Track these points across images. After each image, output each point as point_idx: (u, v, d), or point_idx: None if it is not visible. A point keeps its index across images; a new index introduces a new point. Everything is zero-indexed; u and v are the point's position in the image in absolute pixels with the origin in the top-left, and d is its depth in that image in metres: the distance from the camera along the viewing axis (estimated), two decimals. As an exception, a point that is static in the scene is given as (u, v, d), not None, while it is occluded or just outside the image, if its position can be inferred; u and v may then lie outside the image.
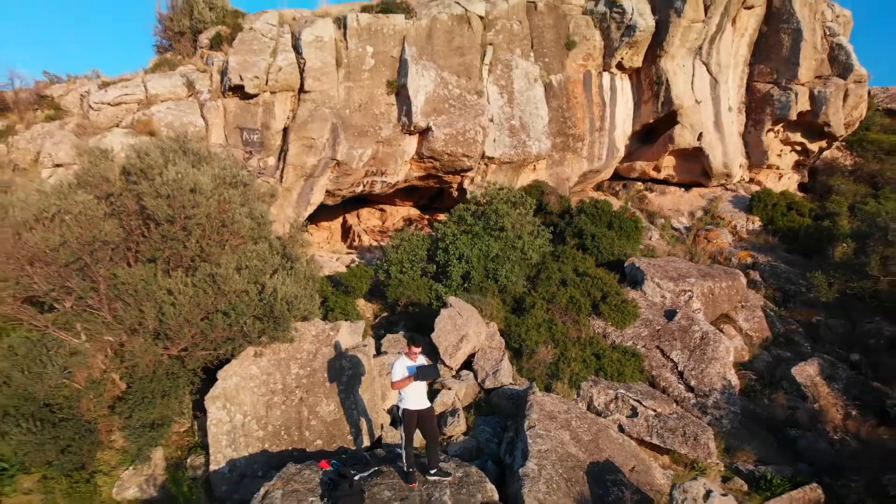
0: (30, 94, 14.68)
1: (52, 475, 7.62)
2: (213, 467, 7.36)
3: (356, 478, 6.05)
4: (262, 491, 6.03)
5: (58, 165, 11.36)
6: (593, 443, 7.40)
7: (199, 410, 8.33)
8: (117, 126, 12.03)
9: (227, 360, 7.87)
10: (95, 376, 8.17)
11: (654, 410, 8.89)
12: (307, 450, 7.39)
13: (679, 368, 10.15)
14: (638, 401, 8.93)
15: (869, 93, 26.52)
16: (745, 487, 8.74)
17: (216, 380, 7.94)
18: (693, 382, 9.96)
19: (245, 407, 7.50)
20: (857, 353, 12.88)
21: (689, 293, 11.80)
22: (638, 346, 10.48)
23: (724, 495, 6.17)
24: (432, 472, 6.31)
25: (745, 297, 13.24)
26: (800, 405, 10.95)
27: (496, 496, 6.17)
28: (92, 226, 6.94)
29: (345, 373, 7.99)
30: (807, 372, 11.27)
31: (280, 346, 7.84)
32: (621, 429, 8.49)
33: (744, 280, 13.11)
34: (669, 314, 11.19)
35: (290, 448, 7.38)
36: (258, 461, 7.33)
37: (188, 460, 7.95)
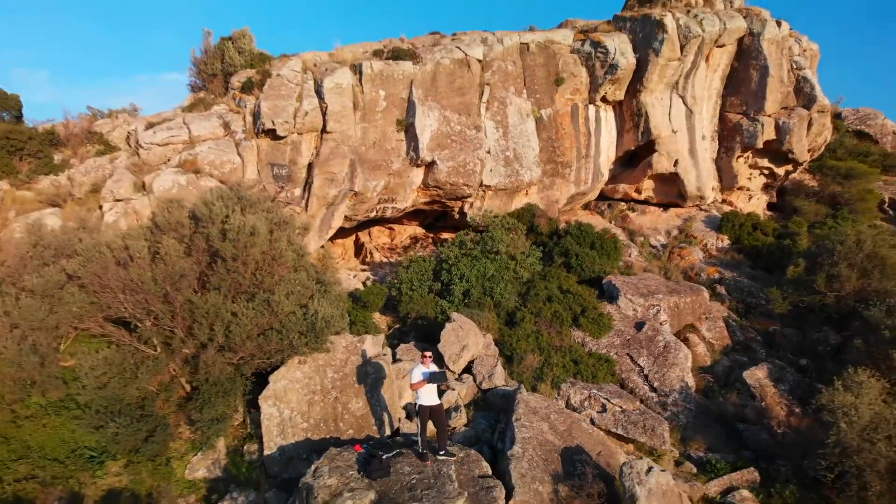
0: (80, 130, 16.61)
1: (138, 460, 9.54)
2: (266, 452, 9.28)
3: (384, 457, 7.98)
4: (313, 467, 7.95)
5: (118, 200, 13.26)
6: (567, 432, 9.32)
7: (251, 408, 10.26)
8: (166, 164, 13.95)
9: (276, 367, 9.80)
10: (166, 381, 10.14)
11: (621, 407, 10.81)
12: (341, 438, 9.32)
13: (645, 372, 12.08)
14: (607, 399, 10.86)
15: (840, 114, 28.56)
16: (695, 470, 10.66)
17: (266, 383, 9.87)
18: (656, 384, 11.90)
19: (291, 404, 9.43)
20: (806, 359, 14.79)
21: (657, 307, 13.73)
22: (611, 353, 12.42)
23: (663, 471, 8.09)
24: (441, 453, 8.24)
25: (709, 309, 15.16)
26: (749, 403, 12.85)
27: (489, 471, 8.10)
28: (174, 263, 8.87)
29: (370, 376, 9.93)
30: (756, 375, 13.18)
31: (319, 355, 9.78)
32: (592, 422, 10.41)
33: (707, 295, 15.04)
34: (639, 325, 13.13)
35: (328, 436, 9.31)
36: (302, 447, 9.25)
37: (244, 447, 9.87)
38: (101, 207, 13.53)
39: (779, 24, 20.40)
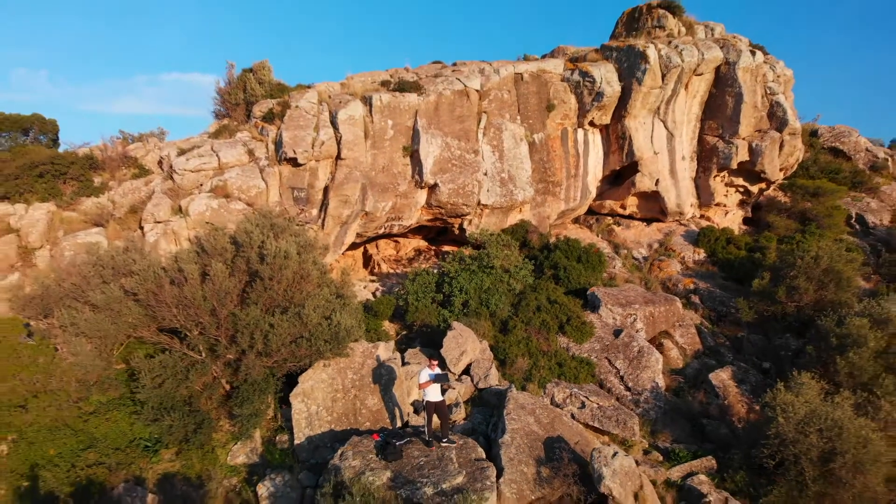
0: (116, 155, 18.30)
1: (187, 448, 11.21)
2: (296, 441, 10.96)
3: (397, 443, 9.67)
4: (339, 452, 9.65)
5: (158, 222, 14.95)
6: (550, 425, 11.02)
7: (282, 404, 11.95)
8: (199, 188, 15.64)
9: (304, 370, 11.49)
10: (209, 381, 11.84)
11: (598, 404, 12.52)
12: (360, 429, 11.00)
13: (621, 374, 13.78)
14: (586, 397, 12.56)
15: (816, 132, 30.34)
16: (661, 458, 12.36)
17: (294, 384, 11.57)
18: (630, 384, 13.60)
19: (318, 401, 11.13)
20: (769, 362, 16.50)
21: (634, 316, 15.44)
22: (591, 357, 14.12)
23: (626, 456, 9.78)
24: (444, 441, 9.94)
25: (682, 317, 16.87)
26: (714, 401, 14.54)
27: (484, 455, 9.79)
28: (220, 283, 10.56)
29: (383, 377, 11.63)
30: (721, 377, 14.88)
31: (340, 359, 11.47)
32: (573, 416, 12.11)
33: (679, 305, 16.76)
34: (617, 332, 14.84)
35: (348, 428, 10.99)
36: (327, 437, 10.94)
37: (276, 438, 11.56)
38: (141, 228, 15.21)
39: (754, 52, 22.13)
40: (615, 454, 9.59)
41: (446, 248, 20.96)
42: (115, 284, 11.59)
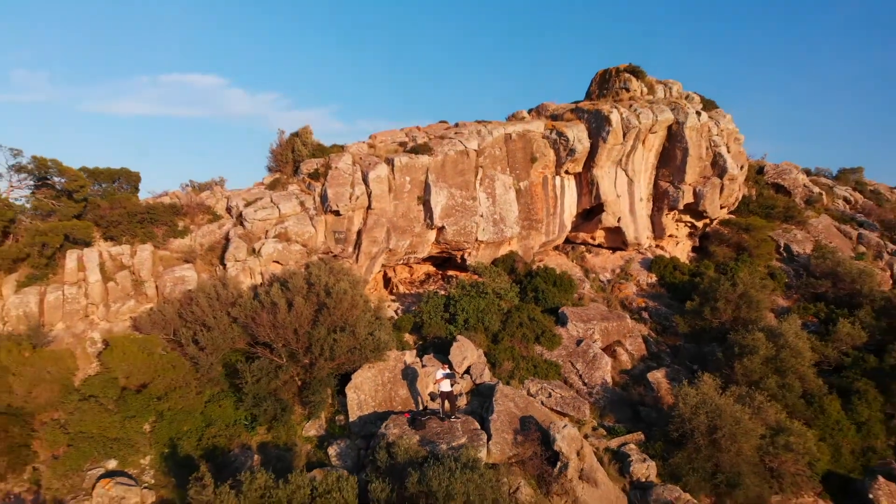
0: (193, 203, 23.06)
1: (275, 426, 16.00)
2: (351, 419, 15.78)
3: (421, 419, 14.51)
4: (383, 425, 14.49)
5: (237, 260, 19.76)
6: (525, 408, 15.85)
7: (338, 394, 16.76)
8: (266, 234, 20.46)
9: (354, 370, 16.31)
10: (287, 379, 16.64)
11: (561, 394, 17.36)
12: (394, 410, 15.82)
13: (580, 373, 18.64)
14: (553, 389, 17.40)
15: (762, 168, 35.28)
16: (605, 433, 17.19)
17: (347, 380, 16.38)
18: (586, 380, 18.45)
19: (365, 392, 15.95)
20: (697, 365, 21.34)
21: (593, 329, 20.30)
22: (559, 361, 18.98)
23: (572, 427, 14.60)
24: (452, 417, 14.78)
25: (631, 329, 21.74)
26: (649, 394, 19.38)
27: (479, 427, 14.64)
28: (301, 312, 15.39)
29: (409, 375, 16.46)
30: (656, 375, 19.70)
31: (379, 363, 16.30)
32: (542, 403, 16.94)
33: (629, 320, 21.63)
34: (578, 342, 19.70)
35: (387, 410, 15.81)
36: (372, 416, 15.75)
37: (335, 418, 16.37)
38: (223, 264, 20.01)
39: (700, 113, 26.97)
40: (565, 426, 14.45)
41: (451, 272, 25.79)
42: (222, 312, 16.43)
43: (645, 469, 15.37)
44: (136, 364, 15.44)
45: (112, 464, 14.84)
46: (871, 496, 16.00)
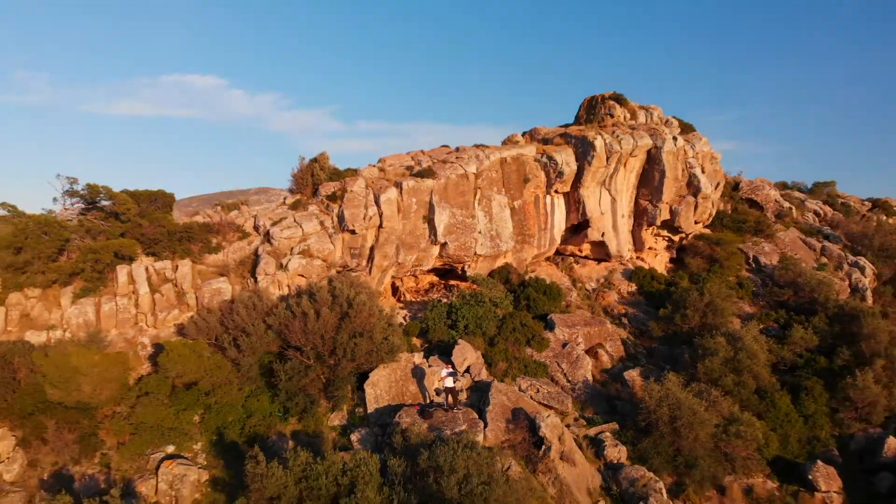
0: (225, 222, 25.77)
1: (305, 417, 18.73)
2: (369, 411, 18.52)
3: (429, 410, 17.26)
4: (398, 414, 17.24)
5: (267, 274, 22.49)
6: (516, 401, 18.59)
7: (357, 390, 19.49)
8: (291, 251, 23.21)
9: (371, 370, 19.05)
10: (314, 377, 19.41)
11: (547, 390, 20.12)
12: (406, 403, 18.56)
13: (564, 371, 21.39)
14: (540, 386, 20.16)
15: (738, 185, 38.04)
16: (584, 423, 19.91)
17: (365, 377, 19.12)
18: (570, 378, 21.21)
19: (380, 388, 18.70)
20: (669, 365, 24.06)
21: (577, 334, 23.06)
22: (546, 361, 21.73)
23: (554, 417, 17.34)
24: (455, 409, 17.53)
25: (612, 334, 24.49)
26: (625, 390, 22.10)
27: (477, 417, 17.40)
28: (327, 320, 18.13)
29: (418, 374, 19.21)
30: (631, 374, 22.42)
31: (393, 363, 19.04)
32: (531, 397, 19.69)
33: (609, 325, 24.40)
34: (564, 345, 22.45)
35: (399, 403, 18.55)
36: (386, 409, 18.48)
37: (355, 410, 19.11)
38: (254, 277, 22.74)
39: (676, 138, 29.73)
40: (549, 416, 17.21)
41: (452, 282, 28.54)
42: (258, 320, 19.18)
43: (617, 452, 18.13)
44: (187, 365, 18.17)
45: (170, 448, 17.58)
46: (810, 477, 18.78)
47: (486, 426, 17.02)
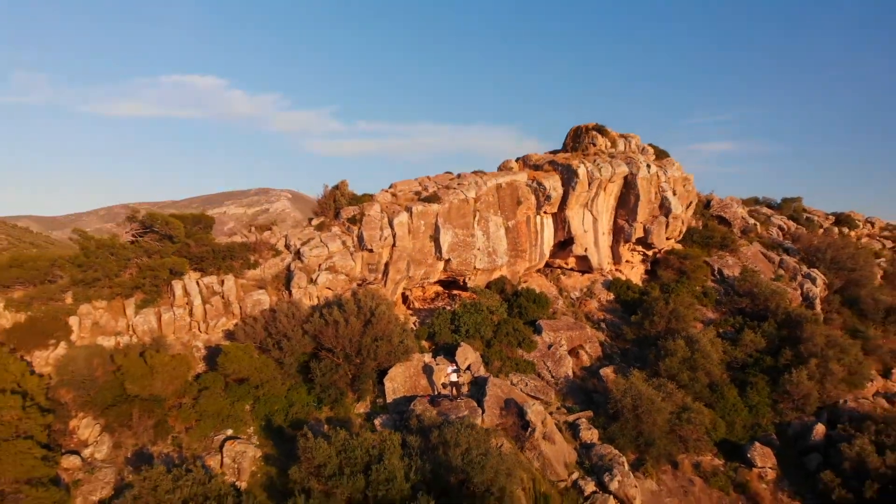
0: (260, 242, 29.71)
1: (336, 406, 22.66)
2: (388, 401, 22.47)
3: (438, 399, 21.20)
4: (411, 403, 21.20)
5: (300, 287, 26.43)
6: (508, 393, 22.55)
7: (378, 383, 23.42)
8: (319, 267, 27.17)
9: (390, 367, 23.00)
10: (343, 373, 23.38)
11: (535, 384, 24.08)
12: (417, 395, 22.50)
13: (549, 369, 25.36)
14: (528, 380, 24.12)
15: (709, 202, 42.02)
16: (565, 411, 23.88)
17: (385, 373, 23.07)
18: (554, 374, 25.17)
19: (397, 382, 22.66)
20: (639, 363, 28.04)
21: (561, 337, 27.02)
22: (534, 360, 25.69)
23: (538, 405, 21.29)
24: (458, 399, 21.49)
25: (591, 337, 28.45)
26: (600, 384, 26.02)
27: (476, 405, 21.36)
28: (354, 327, 22.07)
29: (427, 371, 23.17)
30: (606, 371, 26.35)
31: (407, 362, 23.00)
32: (521, 390, 23.64)
33: (588, 329, 28.37)
34: (549, 346, 26.42)
35: (413, 394, 22.49)
36: (402, 399, 22.42)
37: (376, 400, 23.06)
38: (289, 290, 26.67)
39: (650, 166, 33.72)
40: (534, 404, 21.16)
41: (455, 291, 32.49)
42: (297, 326, 23.12)
43: (590, 434, 22.09)
44: (241, 364, 22.10)
45: (229, 431, 21.51)
46: (749, 456, 22.74)
47: (483, 412, 20.97)
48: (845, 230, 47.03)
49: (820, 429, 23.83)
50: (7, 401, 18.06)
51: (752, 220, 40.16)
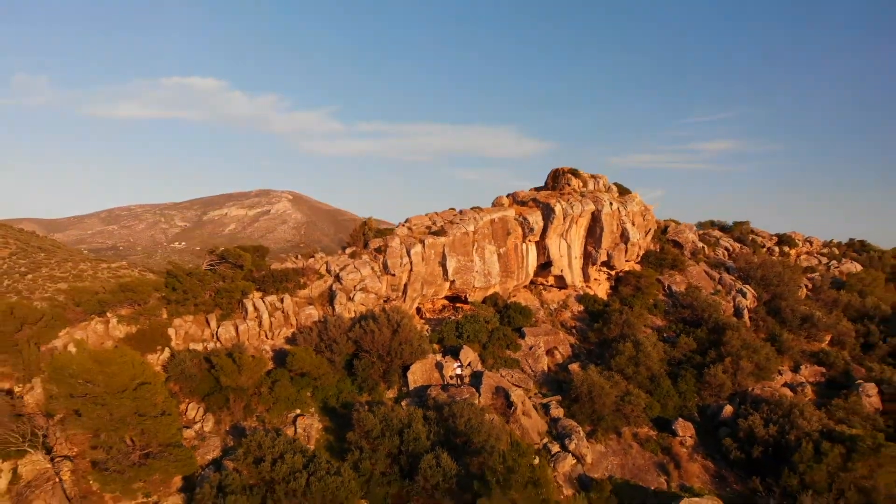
0: (307, 267, 37.49)
1: (372, 392, 30.40)
2: (410, 388, 30.25)
3: (447, 387, 28.99)
4: (428, 389, 29.00)
5: (341, 304, 34.19)
6: (498, 382, 30.31)
7: (402, 376, 31.18)
8: (355, 288, 34.95)
9: (411, 364, 30.77)
10: (377, 369, 31.24)
11: (518, 376, 31.91)
12: (432, 384, 30.22)
13: (530, 365, 33.19)
14: (513, 374, 31.95)
15: (665, 229, 49.91)
16: (540, 396, 31.63)
17: (408, 368, 30.85)
18: (533, 369, 33.00)
19: (417, 374, 30.43)
20: (599, 361, 35.83)
21: (540, 340, 34.83)
22: (519, 358, 33.52)
23: (520, 391, 29.06)
24: (462, 387, 29.27)
25: (563, 340, 36.26)
26: (569, 376, 33.74)
27: (475, 391, 29.15)
28: (385, 335, 29.86)
29: (438, 366, 30.93)
30: (573, 367, 34.08)
31: (423, 360, 30.74)
32: (508, 380, 31.43)
33: (561, 334, 36.20)
34: (531, 348, 34.24)
35: (428, 384, 30.23)
36: (421, 387, 30.14)
37: (402, 388, 30.82)
38: (332, 306, 34.42)
39: (613, 202, 41.53)
40: (517, 390, 28.96)
41: (458, 304, 40.30)
42: (343, 334, 30.90)
43: (557, 412, 29.87)
44: (304, 362, 29.84)
45: (297, 411, 29.24)
46: (674, 428, 30.48)
47: (479, 396, 28.74)
48: (786, 249, 54.88)
49: (728, 409, 31.59)
50: (157, 388, 25.78)
51: (700, 244, 47.97)
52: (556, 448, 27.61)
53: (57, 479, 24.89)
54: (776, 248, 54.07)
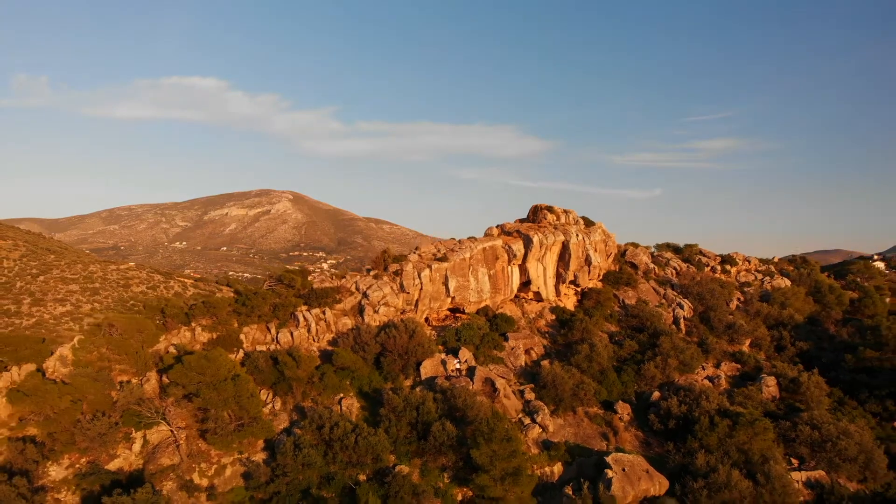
0: (339, 284, 47.53)
1: (394, 381, 40.47)
2: (422, 378, 40.33)
3: (450, 377, 39.13)
4: (436, 379, 39.12)
5: (369, 316, 44.20)
6: (487, 374, 40.41)
7: (416, 370, 41.25)
8: (379, 302, 45.00)
9: (423, 360, 40.84)
10: (398, 364, 41.42)
11: (502, 370, 42.06)
12: (438, 376, 40.30)
13: (512, 362, 43.34)
14: (499, 369, 42.09)
15: (624, 252, 60.17)
16: (519, 385, 41.70)
17: (421, 363, 40.93)
18: (514, 365, 43.16)
19: (427, 368, 40.48)
20: (565, 359, 45.93)
21: (519, 343, 44.97)
22: (503, 357, 43.66)
23: (500, 380, 39.17)
24: (460, 377, 39.39)
25: (538, 343, 46.40)
26: (540, 371, 43.74)
27: (470, 380, 39.28)
28: (405, 339, 39.93)
29: (442, 363, 41.01)
30: (544, 363, 44.10)
31: (432, 358, 40.79)
32: (495, 373, 41.55)
33: (537, 338, 46.37)
34: (512, 349, 44.40)
35: (436, 375, 40.29)
36: (430, 377, 40.20)
37: (416, 378, 40.91)
38: (362, 317, 44.45)
39: (579, 234, 51.68)
40: (500, 380, 39.09)
41: (458, 314, 50.39)
42: (372, 338, 40.98)
43: (530, 396, 39.99)
44: (345, 359, 39.84)
45: (341, 395, 39.21)
46: (615, 408, 40.64)
47: (473, 384, 38.83)
48: (728, 267, 65.03)
49: (656, 394, 41.76)
50: (247, 378, 35.70)
51: (652, 265, 58.14)
52: (527, 421, 37.72)
53: (175, 443, 34.91)
54: (719, 267, 64.15)
